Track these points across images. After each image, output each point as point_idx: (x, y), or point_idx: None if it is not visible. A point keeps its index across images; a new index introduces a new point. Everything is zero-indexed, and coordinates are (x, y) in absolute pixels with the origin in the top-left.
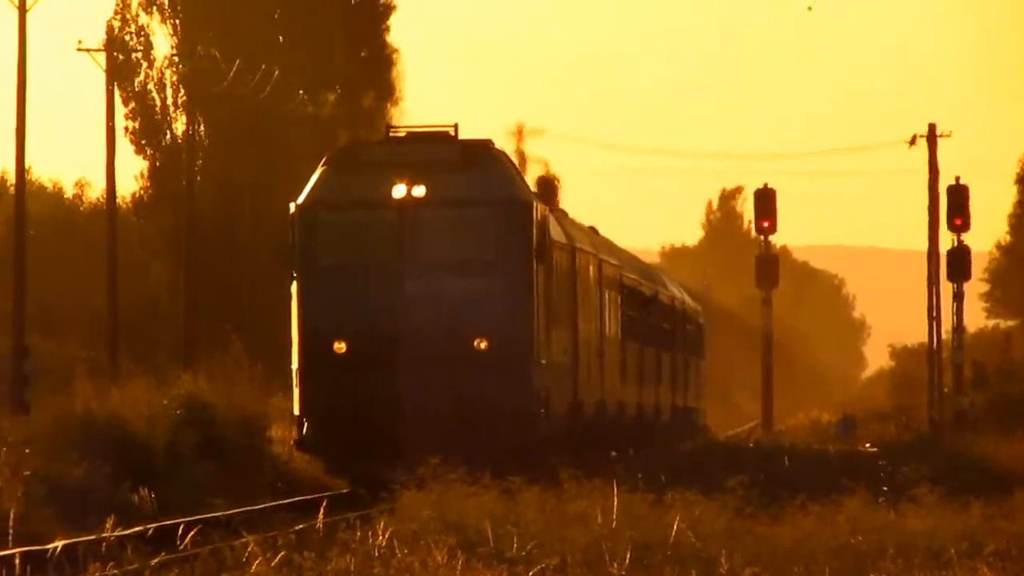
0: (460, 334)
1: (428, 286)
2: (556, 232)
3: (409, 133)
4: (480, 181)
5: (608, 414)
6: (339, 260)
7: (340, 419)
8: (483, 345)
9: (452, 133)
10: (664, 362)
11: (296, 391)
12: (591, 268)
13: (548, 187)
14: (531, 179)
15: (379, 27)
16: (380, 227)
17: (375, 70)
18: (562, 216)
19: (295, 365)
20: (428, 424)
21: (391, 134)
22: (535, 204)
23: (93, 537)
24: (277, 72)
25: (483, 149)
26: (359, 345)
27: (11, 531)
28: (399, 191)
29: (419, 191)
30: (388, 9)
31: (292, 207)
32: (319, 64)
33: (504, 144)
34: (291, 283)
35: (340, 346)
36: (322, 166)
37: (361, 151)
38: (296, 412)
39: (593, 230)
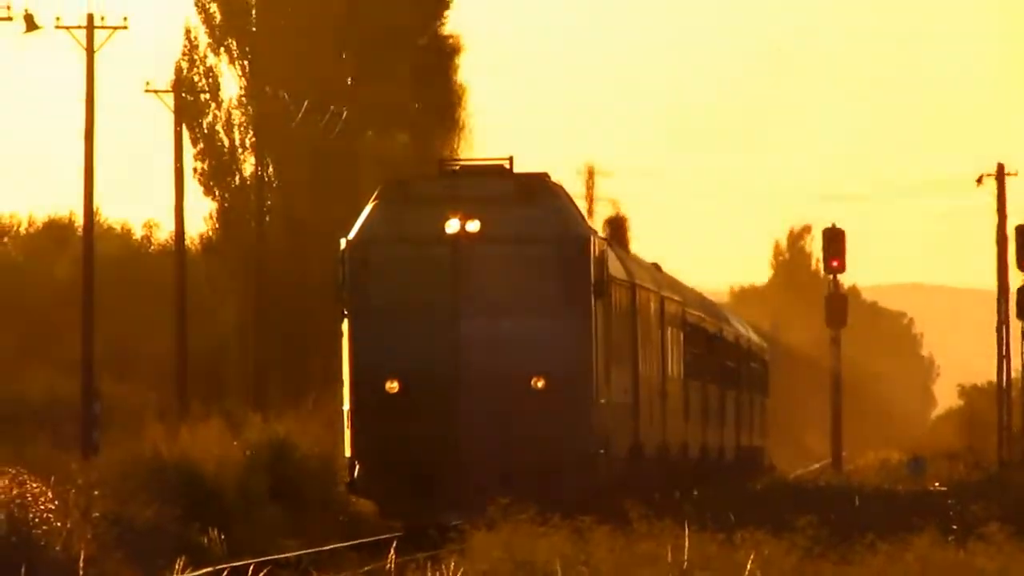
0: (517, 374)
1: (484, 325)
2: (616, 268)
3: (463, 167)
4: (536, 216)
5: (671, 455)
6: (391, 298)
7: (393, 461)
8: (541, 384)
9: (507, 166)
10: (728, 401)
11: (347, 432)
12: (652, 305)
13: (618, 227)
14: (600, 219)
15: (447, 66)
16: (433, 264)
17: (444, 109)
18: (622, 252)
19: (346, 406)
20: (484, 467)
21: (444, 167)
22: (593, 239)
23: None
24: (346, 112)
25: (539, 182)
26: (412, 385)
27: (81, 573)
28: (452, 226)
29: (473, 226)
30: (456, 49)
31: (343, 243)
32: (388, 104)
33: (573, 184)
34: (342, 321)
35: (393, 386)
36: (373, 201)
37: (413, 185)
38: (348, 454)
39: (656, 267)
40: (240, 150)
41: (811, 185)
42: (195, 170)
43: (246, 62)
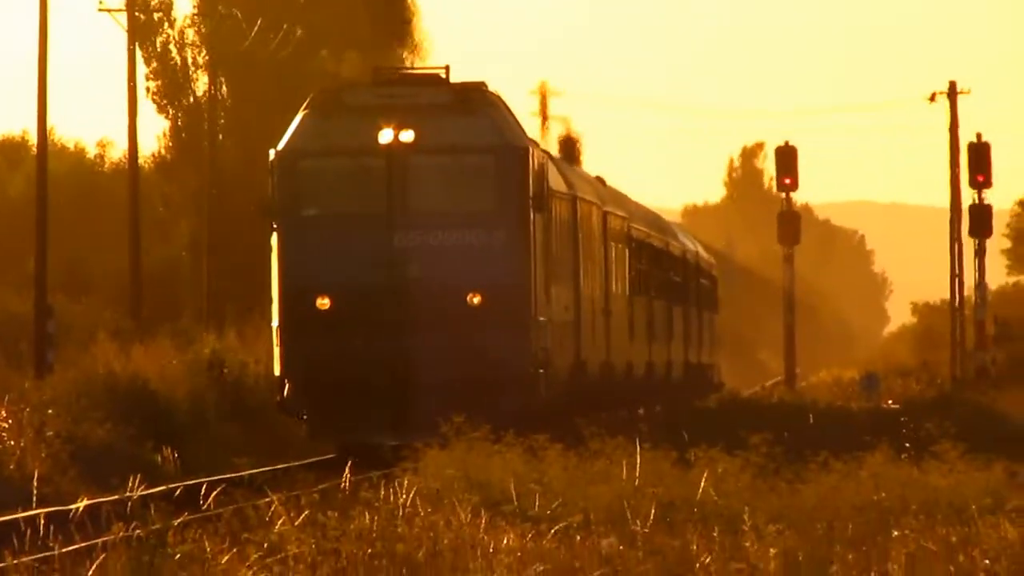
0: (452, 289)
1: (417, 238)
2: (556, 181)
3: (398, 75)
4: (473, 126)
5: (615, 374)
6: (321, 210)
7: (323, 380)
8: (477, 300)
9: (443, 75)
10: (676, 317)
11: (277, 350)
12: (595, 219)
13: (570, 146)
14: (553, 138)
15: None
16: (365, 175)
17: (397, 27)
18: (564, 164)
19: (275, 322)
20: (417, 386)
21: (379, 76)
22: (532, 150)
23: (117, 497)
24: (299, 31)
25: (476, 92)
26: (343, 301)
27: (35, 492)
28: (386, 136)
29: (407, 136)
30: None
31: (271, 153)
32: (342, 23)
33: (527, 103)
34: (271, 234)
35: (323, 302)
36: (303, 110)
37: (345, 94)
38: (277, 372)
39: (600, 180)
40: (193, 69)
41: (764, 102)
42: (148, 89)
43: None
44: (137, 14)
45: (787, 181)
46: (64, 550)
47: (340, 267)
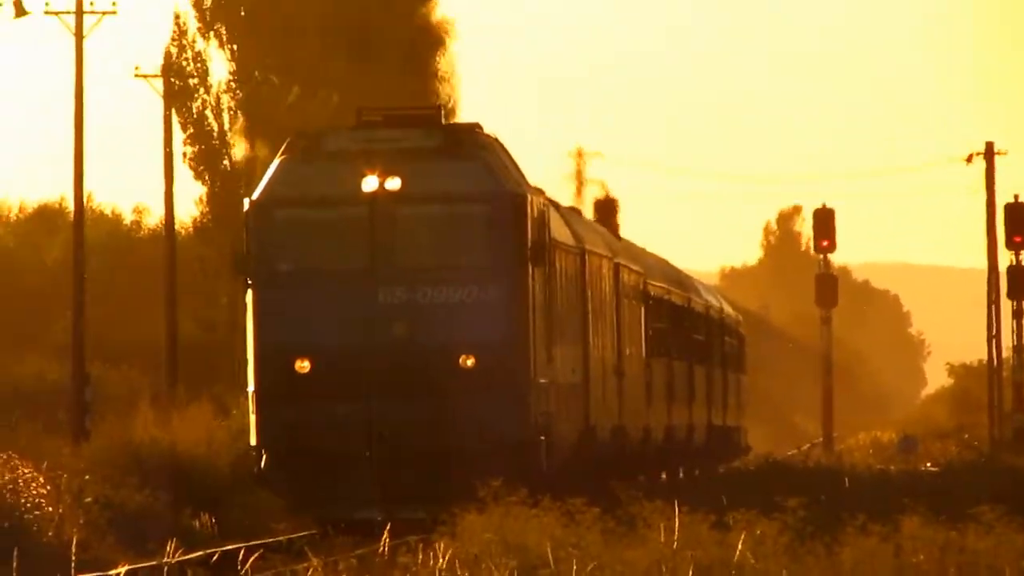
0: (443, 351)
1: (404, 295)
2: (561, 232)
3: (385, 116)
4: (465, 171)
5: (630, 440)
6: (300, 264)
7: (302, 450)
8: (470, 363)
9: (436, 116)
10: (698, 378)
11: (252, 418)
12: (606, 274)
13: (607, 208)
14: (589, 202)
15: (435, 52)
16: (347, 226)
17: (432, 95)
18: (572, 215)
19: (251, 387)
20: (406, 457)
21: (363, 118)
22: (530, 198)
23: (155, 563)
24: (336, 97)
25: (469, 134)
26: (324, 364)
27: (73, 558)
28: (370, 184)
29: (393, 184)
30: (444, 34)
31: (246, 204)
32: (377, 88)
33: (564, 166)
34: (245, 292)
35: (303, 365)
36: (280, 156)
37: (325, 138)
38: (252, 442)
39: (614, 234)
40: (229, 134)
41: (801, 166)
42: (184, 155)
43: (235, 47)
44: (173, 80)
45: (825, 243)
46: None
47: (320, 327)
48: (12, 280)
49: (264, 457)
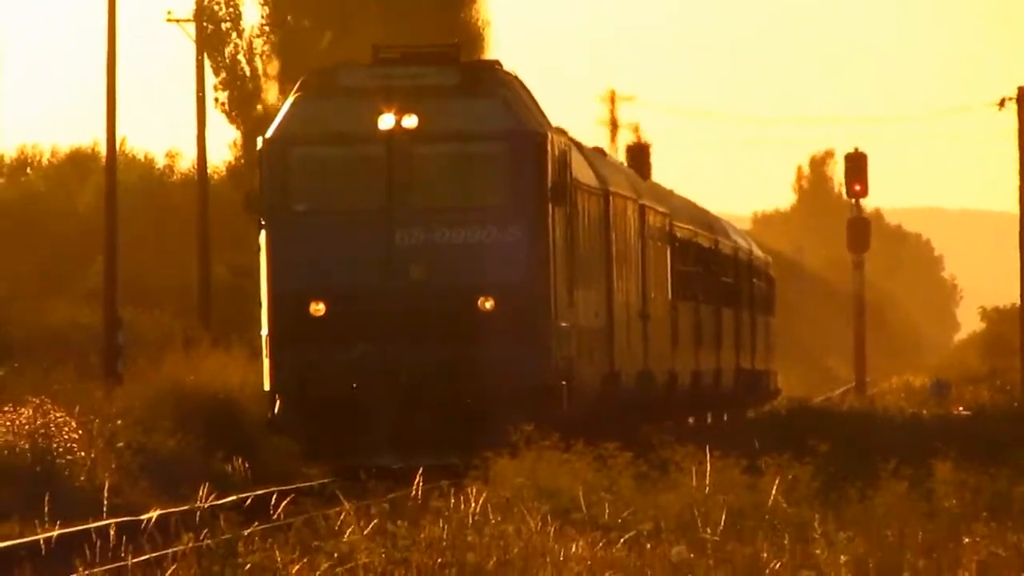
0: (461, 293)
1: (421, 236)
2: (583, 173)
3: (401, 53)
4: (484, 109)
5: (656, 385)
6: (314, 205)
7: (317, 395)
8: (489, 305)
9: (453, 53)
10: (726, 321)
11: (266, 362)
12: (631, 216)
13: (640, 153)
14: (622, 146)
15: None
16: (363, 165)
17: (467, 40)
18: (596, 155)
19: (264, 331)
20: (423, 401)
21: (380, 55)
22: (551, 136)
23: (186, 507)
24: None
25: (488, 71)
26: (340, 307)
27: (105, 502)
28: (386, 122)
29: (410, 122)
30: None
31: (259, 142)
32: (413, 31)
33: (596, 110)
34: (259, 232)
35: (317, 308)
36: (294, 93)
37: (341, 74)
38: (266, 387)
39: (645, 177)
40: (262, 78)
41: (833, 110)
42: (216, 100)
43: None
44: (205, 24)
45: (857, 187)
46: (135, 560)
47: (336, 269)
48: (44, 225)
49: (278, 402)
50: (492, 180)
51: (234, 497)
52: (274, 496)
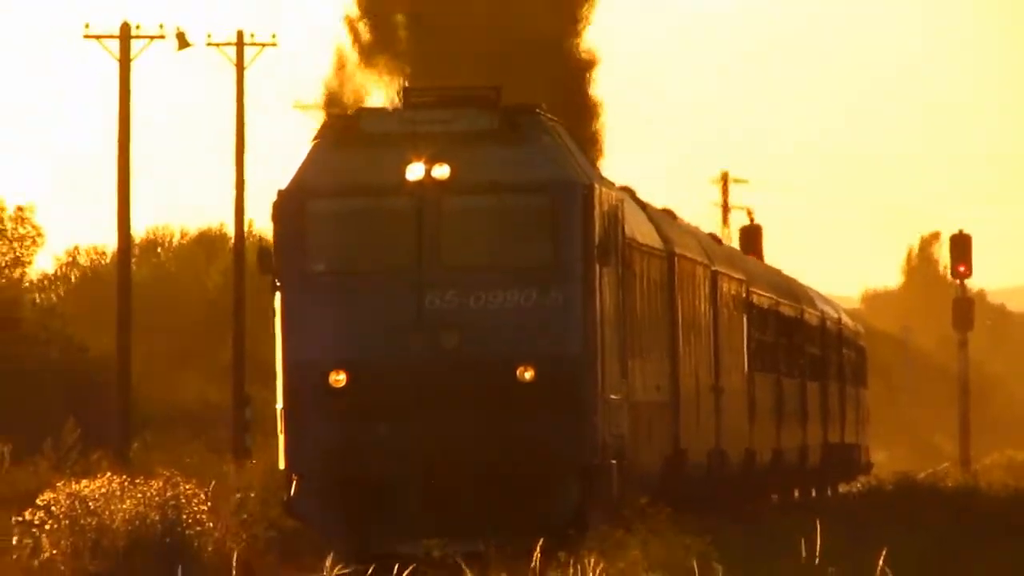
0: (498, 362)
1: (454, 299)
2: (643, 232)
3: (433, 95)
4: (523, 158)
5: (729, 464)
6: (335, 264)
7: (339, 476)
8: (528, 375)
9: (491, 96)
10: (811, 394)
11: (281, 438)
12: (701, 282)
13: (752, 235)
14: (735, 229)
15: (583, 79)
16: (389, 219)
17: (580, 122)
18: (663, 216)
19: (279, 404)
20: (456, 482)
21: (410, 97)
22: (598, 188)
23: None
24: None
25: (528, 116)
26: (363, 377)
27: (234, 572)
28: (414, 172)
29: (441, 172)
30: (592, 62)
31: (276, 195)
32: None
33: (709, 193)
34: (274, 295)
35: (338, 379)
36: (313, 140)
37: (365, 119)
38: (281, 466)
39: (715, 239)
40: None
41: (941, 189)
42: None
43: (396, 79)
44: (331, 111)
45: (961, 268)
46: None
47: (358, 335)
48: (175, 304)
49: (295, 483)
50: (532, 236)
51: (355, 567)
52: (396, 566)
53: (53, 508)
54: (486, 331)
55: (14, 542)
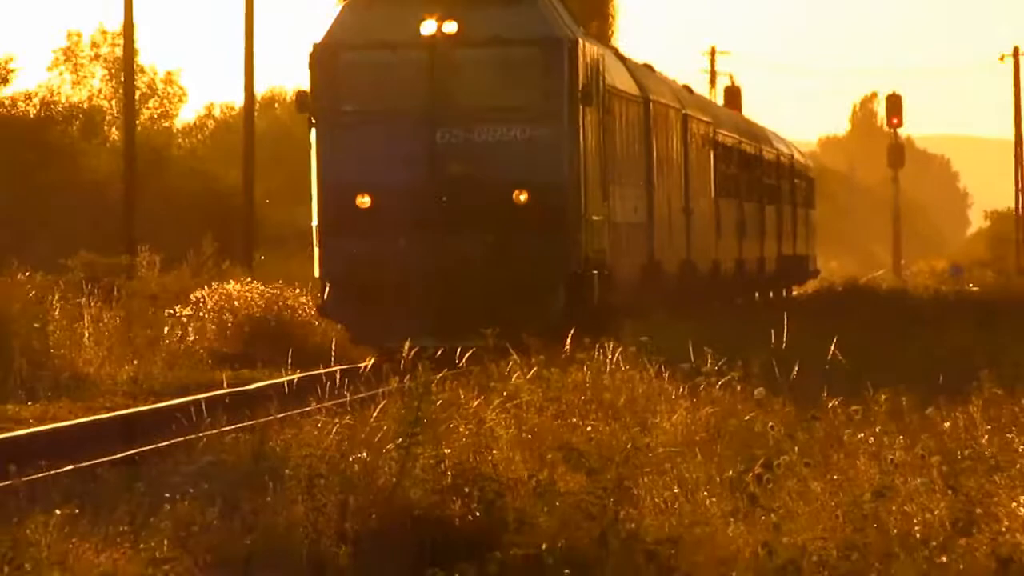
0: (497, 187)
1: (461, 134)
2: (622, 81)
3: None
4: (519, 17)
5: (699, 273)
6: (362, 106)
7: (364, 282)
8: (524, 198)
9: None
10: (768, 215)
11: (316, 251)
12: (673, 123)
13: (733, 95)
14: (720, 90)
15: None
16: (407, 69)
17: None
18: (642, 70)
19: (314, 222)
20: (461, 287)
21: None
22: (582, 43)
23: (395, 359)
24: None
25: None
26: (384, 200)
27: (333, 355)
28: (428, 28)
29: (450, 28)
30: None
31: (311, 47)
32: None
33: (700, 62)
34: (310, 131)
35: (363, 201)
36: (343, 1)
37: None
38: (316, 274)
39: (687, 89)
40: None
41: (879, 58)
42: None
43: None
44: None
45: (894, 121)
46: (354, 397)
47: (381, 164)
48: (290, 148)
49: (327, 288)
50: (526, 82)
51: (430, 351)
52: (458, 350)
53: (202, 303)
54: (487, 161)
55: (165, 331)
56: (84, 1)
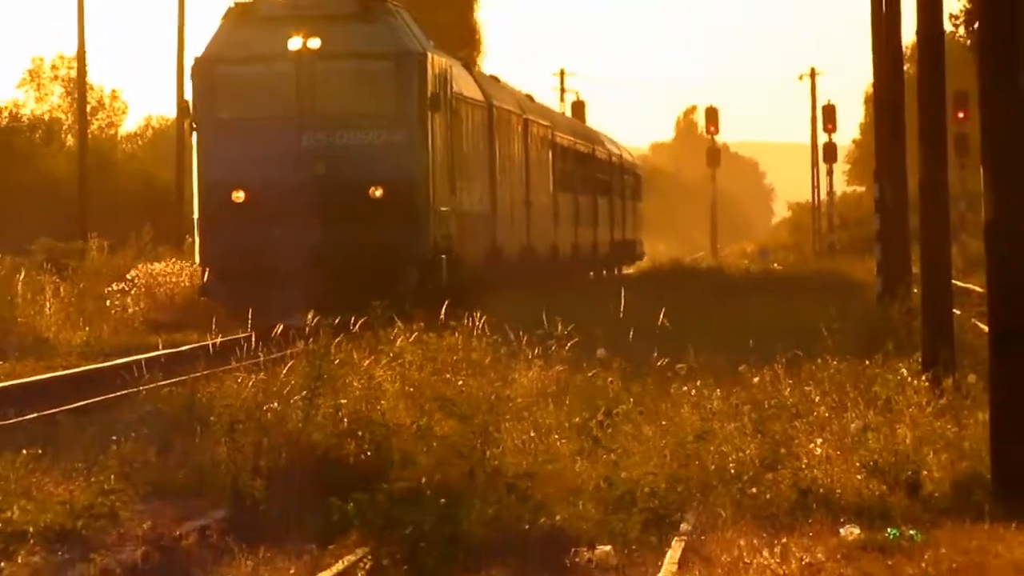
0: (356, 183)
1: (324, 138)
2: (469, 89)
3: None
4: (375, 33)
5: (539, 256)
6: (237, 112)
7: (239, 267)
8: (379, 193)
9: None
10: (601, 206)
11: (197, 240)
12: (515, 126)
13: (579, 107)
14: (568, 104)
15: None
16: (276, 80)
17: (469, 35)
18: (489, 80)
19: (196, 215)
20: (325, 271)
21: None
22: (431, 56)
23: (300, 325)
24: None
25: (378, 3)
26: (257, 195)
27: (250, 322)
28: (295, 44)
29: (314, 43)
30: None
31: (192, 61)
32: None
33: (551, 81)
34: (191, 135)
35: (238, 196)
36: (221, 20)
37: (259, 5)
38: (197, 261)
39: (530, 98)
40: None
41: (705, 71)
42: None
43: None
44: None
45: (712, 129)
46: (267, 357)
47: (254, 164)
48: None
49: (207, 273)
50: (381, 92)
51: (329, 319)
52: (352, 318)
53: (136, 280)
54: (347, 161)
55: (107, 304)
56: (46, 30)
